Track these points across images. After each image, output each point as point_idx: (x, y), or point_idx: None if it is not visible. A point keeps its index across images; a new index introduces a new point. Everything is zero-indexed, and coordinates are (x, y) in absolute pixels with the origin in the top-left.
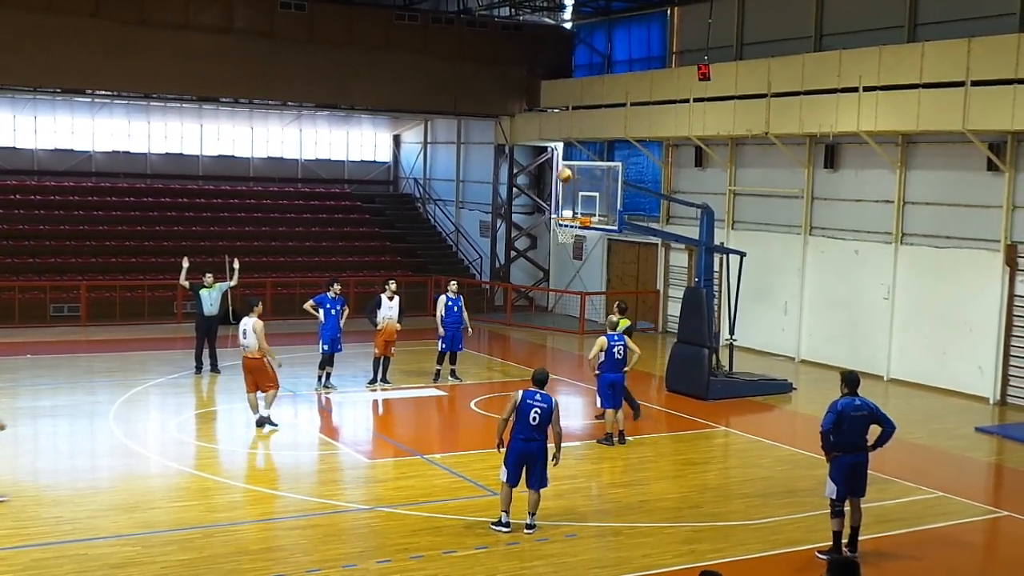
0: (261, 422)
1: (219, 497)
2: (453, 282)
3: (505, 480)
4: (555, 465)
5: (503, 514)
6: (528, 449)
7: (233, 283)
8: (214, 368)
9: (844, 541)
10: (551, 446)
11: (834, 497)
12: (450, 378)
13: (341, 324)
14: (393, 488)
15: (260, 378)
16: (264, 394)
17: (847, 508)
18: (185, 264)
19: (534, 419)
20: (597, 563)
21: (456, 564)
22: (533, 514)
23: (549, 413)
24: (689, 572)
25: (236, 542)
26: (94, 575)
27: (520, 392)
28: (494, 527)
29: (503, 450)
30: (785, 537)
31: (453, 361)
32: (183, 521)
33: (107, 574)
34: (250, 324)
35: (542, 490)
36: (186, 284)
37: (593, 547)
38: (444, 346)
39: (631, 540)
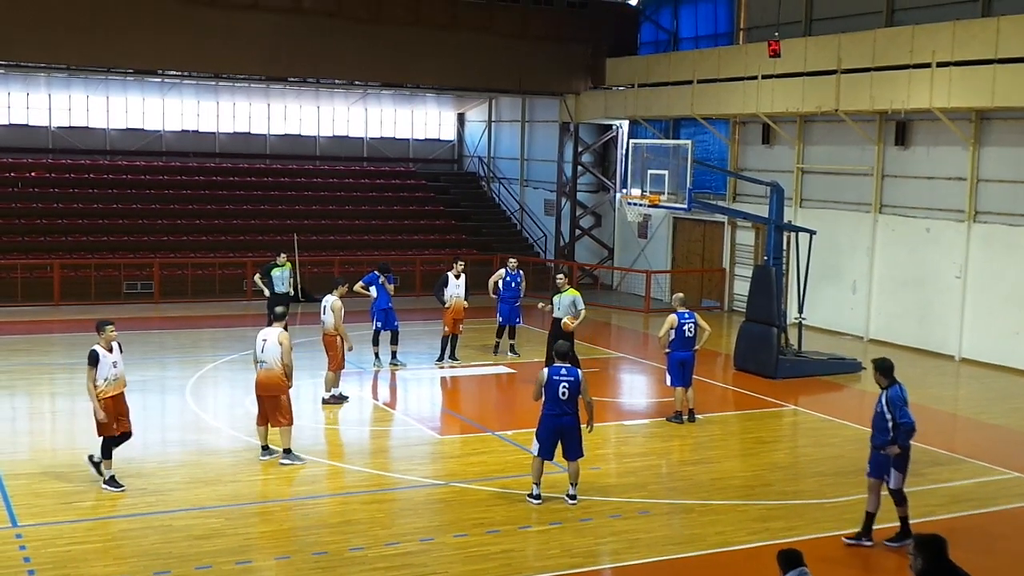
0: (326, 401)
1: (296, 471)
2: (512, 259)
3: (536, 454)
4: (590, 432)
5: (534, 487)
6: (561, 424)
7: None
8: None
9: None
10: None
11: (902, 487)
12: (509, 353)
13: (390, 298)
14: (466, 464)
15: (330, 355)
16: (327, 373)
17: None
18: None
19: (563, 393)
20: (671, 540)
21: (531, 539)
22: (575, 484)
23: (577, 385)
24: (764, 550)
25: (315, 515)
26: (179, 545)
27: (545, 370)
28: (528, 498)
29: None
30: (858, 516)
31: (512, 336)
32: (262, 494)
33: (192, 544)
34: (330, 302)
35: (588, 462)
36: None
37: (666, 524)
38: (501, 319)
39: (703, 517)
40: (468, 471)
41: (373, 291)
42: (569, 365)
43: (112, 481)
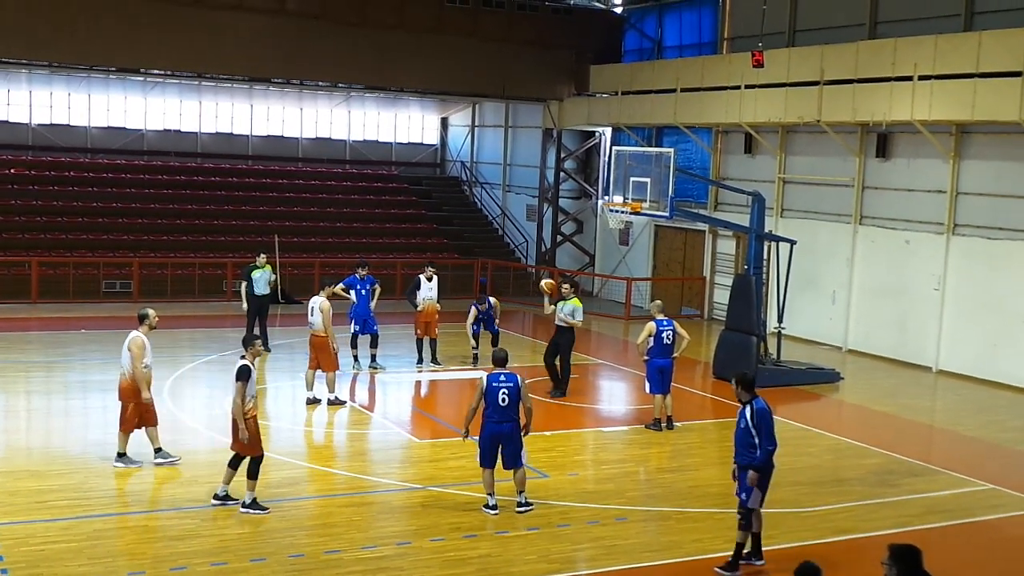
0: (320, 400)
1: (273, 473)
2: (479, 299)
3: (479, 463)
4: (525, 436)
5: (488, 497)
6: (500, 431)
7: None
8: (264, 346)
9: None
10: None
11: (759, 508)
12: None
13: (372, 304)
14: (444, 468)
15: (322, 357)
16: (325, 375)
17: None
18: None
19: (503, 400)
20: (648, 547)
21: (508, 544)
22: (522, 491)
23: (517, 391)
24: None
25: (292, 517)
26: (155, 546)
27: (484, 376)
28: (485, 509)
29: (470, 439)
30: (835, 526)
31: (495, 343)
32: (239, 496)
33: (167, 545)
34: (318, 303)
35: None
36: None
37: (643, 531)
38: (475, 328)
39: (681, 525)
40: (446, 475)
41: (352, 295)
42: (508, 372)
43: (255, 504)
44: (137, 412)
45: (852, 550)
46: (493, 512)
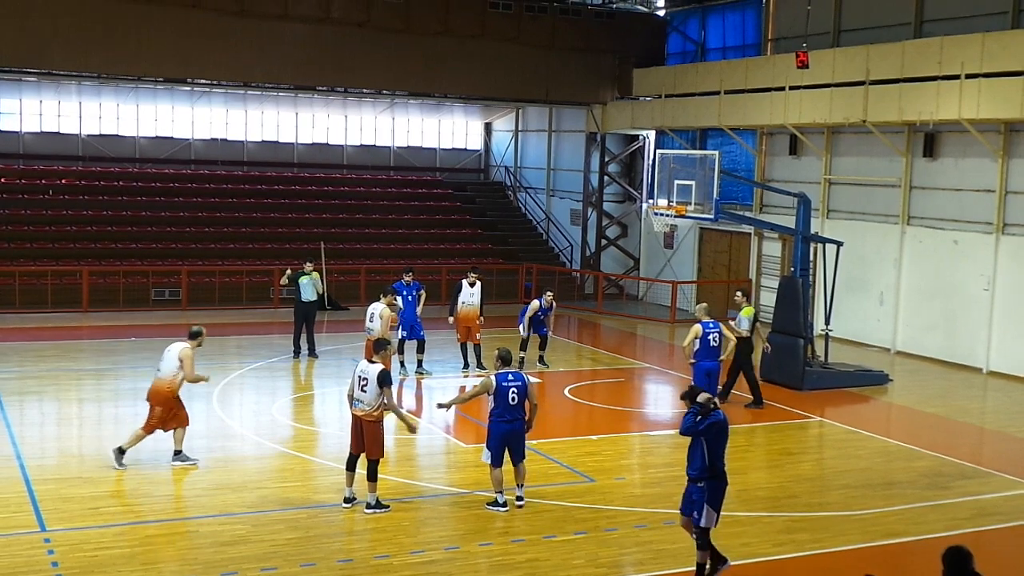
0: None
1: (321, 479)
2: (549, 292)
3: (490, 463)
4: (527, 432)
5: (498, 495)
6: (513, 430)
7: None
8: (312, 353)
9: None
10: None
11: (712, 527)
12: (538, 364)
13: (418, 310)
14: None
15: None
16: None
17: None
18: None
19: (513, 399)
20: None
21: (556, 548)
22: (522, 486)
23: (525, 389)
24: (789, 562)
25: (341, 523)
26: (206, 551)
27: (493, 376)
28: (490, 507)
29: (445, 410)
30: (885, 529)
31: (543, 347)
32: (289, 501)
33: (218, 551)
34: (379, 309)
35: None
36: (284, 281)
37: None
38: (525, 333)
39: (729, 529)
40: None
41: (399, 301)
42: (515, 371)
43: (379, 504)
44: (174, 413)
45: (903, 553)
46: (503, 509)
